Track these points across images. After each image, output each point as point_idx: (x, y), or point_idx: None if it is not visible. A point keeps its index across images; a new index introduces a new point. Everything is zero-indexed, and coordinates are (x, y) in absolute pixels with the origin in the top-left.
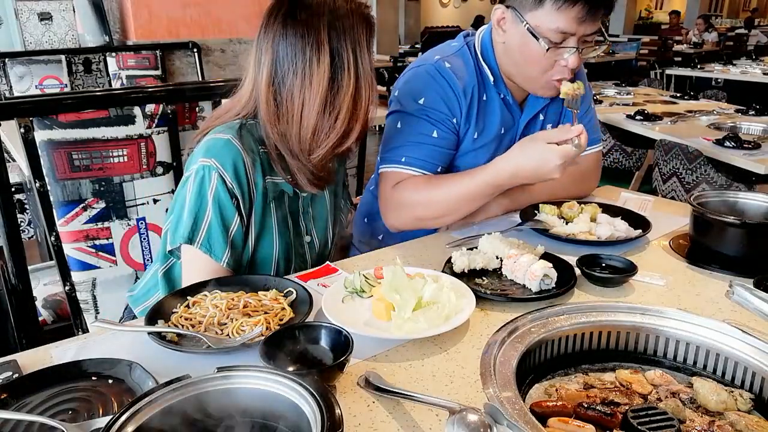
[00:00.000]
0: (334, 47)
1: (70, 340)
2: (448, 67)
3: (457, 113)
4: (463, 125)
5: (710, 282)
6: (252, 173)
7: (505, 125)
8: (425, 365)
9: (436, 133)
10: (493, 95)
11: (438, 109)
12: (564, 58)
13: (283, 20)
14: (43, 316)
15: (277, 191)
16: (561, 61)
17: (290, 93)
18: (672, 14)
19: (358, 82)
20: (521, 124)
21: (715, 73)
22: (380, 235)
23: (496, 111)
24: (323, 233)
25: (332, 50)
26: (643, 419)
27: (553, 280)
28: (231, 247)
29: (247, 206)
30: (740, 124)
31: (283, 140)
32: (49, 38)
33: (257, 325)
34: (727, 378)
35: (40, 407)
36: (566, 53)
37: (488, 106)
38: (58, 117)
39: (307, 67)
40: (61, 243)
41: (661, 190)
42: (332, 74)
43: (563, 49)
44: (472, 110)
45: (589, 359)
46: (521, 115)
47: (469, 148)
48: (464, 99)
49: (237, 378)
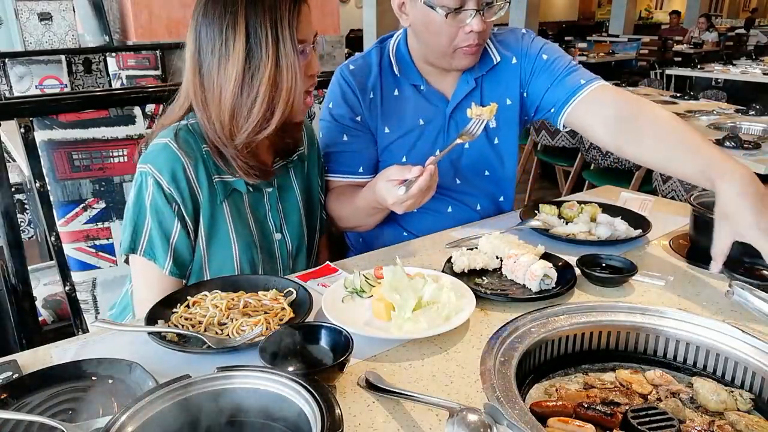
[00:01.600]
0: (251, 25)
1: (70, 340)
2: (351, 69)
3: (359, 111)
4: (370, 122)
5: (710, 282)
6: (193, 175)
7: (424, 116)
8: (425, 365)
9: (346, 136)
10: (405, 89)
11: (341, 112)
12: (467, 23)
13: (204, 2)
14: (43, 316)
15: (229, 190)
16: (465, 27)
17: (210, 75)
18: (672, 14)
19: (278, 62)
20: (447, 112)
21: (715, 73)
22: (378, 236)
23: (409, 103)
24: (297, 230)
25: (248, 28)
26: (643, 419)
27: (553, 280)
28: (174, 254)
29: (190, 210)
30: (740, 124)
31: (212, 127)
32: (49, 38)
33: (257, 325)
34: (727, 378)
35: (40, 407)
36: (468, 18)
37: (401, 99)
38: (58, 117)
39: (223, 47)
40: (61, 243)
41: (661, 190)
42: (248, 54)
43: (464, 14)
44: (375, 106)
45: (589, 359)
46: (448, 103)
47: (385, 143)
48: (363, 96)
49: (237, 378)
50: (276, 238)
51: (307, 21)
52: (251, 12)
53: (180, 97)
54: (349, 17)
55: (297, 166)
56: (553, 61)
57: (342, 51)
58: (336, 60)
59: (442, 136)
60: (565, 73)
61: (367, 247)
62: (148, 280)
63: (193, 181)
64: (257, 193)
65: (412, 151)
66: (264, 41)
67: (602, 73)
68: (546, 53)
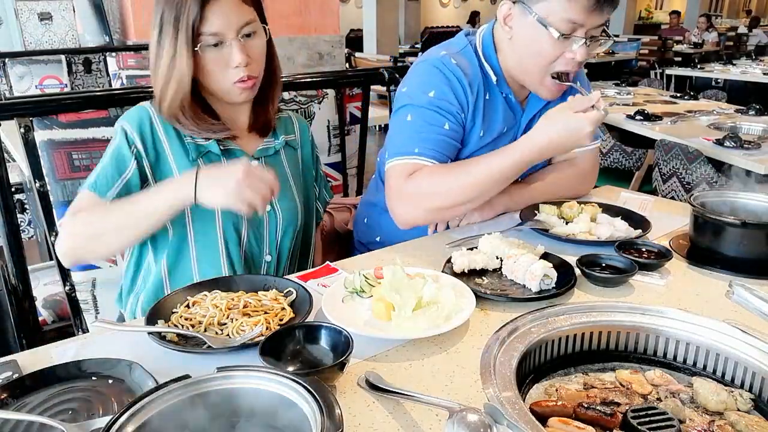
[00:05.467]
0: (165, 12)
1: (70, 340)
2: (455, 63)
3: (465, 108)
4: (470, 121)
5: (710, 282)
6: (161, 128)
7: (508, 124)
8: (425, 365)
9: (448, 125)
10: (495, 94)
11: (449, 101)
12: (572, 50)
13: None
14: (43, 316)
15: (203, 151)
16: (568, 53)
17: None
18: (672, 14)
19: (176, 48)
20: (523, 123)
21: (715, 73)
22: (377, 236)
23: (499, 109)
24: (290, 207)
25: (162, 16)
26: (643, 419)
27: (553, 280)
28: (122, 189)
29: (152, 157)
30: (740, 124)
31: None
32: (49, 38)
33: (257, 325)
34: (727, 378)
35: (40, 407)
36: (574, 44)
37: (492, 104)
38: (58, 117)
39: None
40: None
41: (661, 190)
42: (159, 35)
43: (571, 40)
44: (478, 107)
45: (589, 359)
46: (523, 114)
47: (476, 146)
48: (471, 94)
49: (237, 378)
50: (266, 209)
51: (222, 15)
52: (165, 5)
53: None
54: (349, 17)
55: (288, 151)
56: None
57: (342, 51)
58: (336, 60)
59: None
60: None
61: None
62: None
63: (160, 132)
64: (235, 159)
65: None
66: (166, 32)
67: (602, 73)
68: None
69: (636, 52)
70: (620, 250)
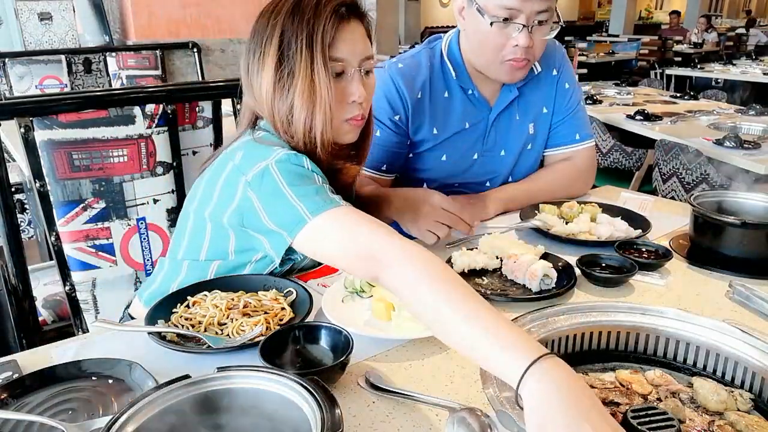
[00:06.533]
0: (285, 35)
1: (70, 340)
2: (400, 67)
3: (400, 111)
4: (414, 119)
5: (710, 282)
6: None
7: (470, 120)
8: (425, 365)
9: (379, 132)
10: (455, 91)
11: (382, 108)
12: (513, 37)
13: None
14: (43, 316)
15: None
16: (511, 40)
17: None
18: (672, 14)
19: (312, 76)
20: (490, 119)
21: (715, 73)
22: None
23: (458, 106)
24: None
25: (282, 38)
26: (643, 419)
27: (553, 280)
28: None
29: None
30: (740, 124)
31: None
32: (49, 38)
33: (257, 325)
34: (727, 378)
35: (40, 407)
36: (514, 31)
37: (450, 101)
38: (58, 117)
39: (260, 55)
40: (61, 243)
41: (661, 190)
42: (279, 61)
43: (511, 27)
44: (423, 105)
45: (589, 359)
46: (491, 109)
47: (432, 142)
48: (410, 95)
49: (237, 378)
50: None
51: (352, 42)
52: (288, 22)
53: (242, 113)
54: None
55: None
56: (573, 111)
57: None
58: None
59: (480, 141)
60: (573, 112)
61: None
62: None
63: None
64: None
65: (454, 152)
66: (297, 52)
67: (602, 73)
68: (568, 82)
69: (636, 52)
70: (620, 250)
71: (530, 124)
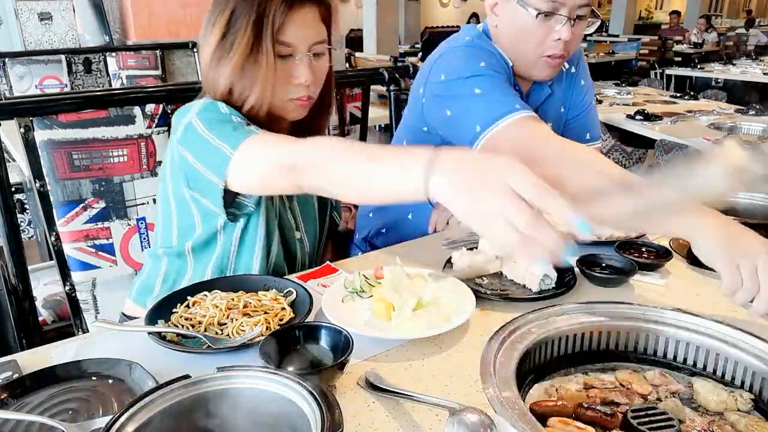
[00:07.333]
0: (236, 11)
1: (70, 340)
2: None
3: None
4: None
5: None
6: None
7: None
8: (425, 365)
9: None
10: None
11: (499, 69)
12: (556, 30)
13: None
14: (43, 316)
15: None
16: (553, 34)
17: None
18: (672, 14)
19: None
20: None
21: (715, 73)
22: (383, 229)
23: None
24: (313, 231)
25: (232, 14)
26: (643, 419)
27: (553, 280)
28: None
29: None
30: (740, 124)
31: None
32: (49, 38)
33: (257, 325)
34: (727, 378)
35: (40, 407)
36: (557, 24)
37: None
38: (58, 117)
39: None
40: (61, 243)
41: None
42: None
43: (554, 20)
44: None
45: (589, 359)
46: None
47: None
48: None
49: (237, 378)
50: (296, 236)
51: (303, 26)
52: (240, 1)
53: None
54: (349, 17)
55: None
56: (588, 108)
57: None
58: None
59: None
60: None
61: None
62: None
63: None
64: None
65: None
66: (241, 29)
67: (602, 73)
68: (584, 79)
69: (636, 52)
70: (620, 250)
71: (549, 124)
